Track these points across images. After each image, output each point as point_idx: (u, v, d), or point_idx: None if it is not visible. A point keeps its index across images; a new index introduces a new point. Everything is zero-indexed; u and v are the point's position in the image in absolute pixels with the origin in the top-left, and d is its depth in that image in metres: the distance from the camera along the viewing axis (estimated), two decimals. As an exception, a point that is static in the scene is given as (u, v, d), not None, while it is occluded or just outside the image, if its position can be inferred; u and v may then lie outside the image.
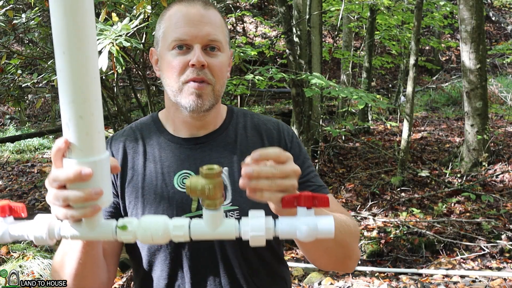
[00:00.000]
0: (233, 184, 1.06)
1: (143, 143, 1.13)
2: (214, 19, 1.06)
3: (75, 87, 0.68)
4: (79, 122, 0.69)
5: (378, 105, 4.74)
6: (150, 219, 0.77)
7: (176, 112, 1.10)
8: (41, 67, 4.32)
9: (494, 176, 5.48)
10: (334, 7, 7.02)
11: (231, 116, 1.16)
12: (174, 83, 1.04)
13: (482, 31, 5.64)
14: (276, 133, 1.14)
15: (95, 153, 0.72)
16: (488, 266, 3.66)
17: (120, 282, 3.13)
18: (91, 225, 0.76)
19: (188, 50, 1.03)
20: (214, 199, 0.75)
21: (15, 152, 8.78)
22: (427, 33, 13.35)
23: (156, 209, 1.05)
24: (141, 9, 2.78)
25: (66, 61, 0.67)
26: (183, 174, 1.07)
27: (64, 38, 0.66)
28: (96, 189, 0.71)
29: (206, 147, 1.10)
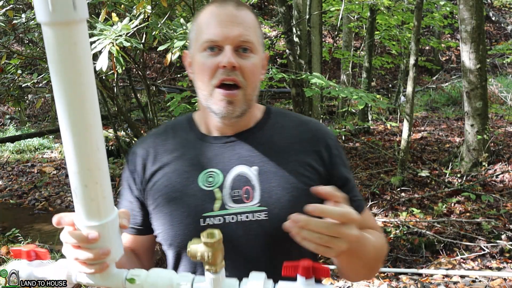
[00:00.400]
0: (262, 184, 1.02)
1: (173, 141, 1.12)
2: (247, 20, 1.03)
3: (78, 159, 0.72)
4: (85, 190, 0.74)
5: (378, 105, 4.74)
6: (157, 273, 0.81)
7: (207, 114, 1.08)
8: (41, 67, 4.32)
9: (494, 176, 5.48)
10: (334, 7, 7.02)
11: (268, 116, 1.13)
12: (205, 87, 1.03)
13: (482, 31, 5.64)
14: (316, 135, 1.10)
15: (102, 217, 0.77)
16: (488, 266, 3.66)
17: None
18: (104, 275, 0.83)
19: (220, 51, 1.01)
20: (214, 264, 0.76)
21: (15, 152, 8.78)
22: (427, 33, 13.35)
23: (178, 206, 1.04)
24: (141, 9, 2.78)
25: (69, 136, 0.70)
26: (208, 173, 1.05)
27: (67, 119, 0.69)
28: (103, 249, 0.78)
29: (237, 145, 1.07)
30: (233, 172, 1.04)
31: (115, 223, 0.81)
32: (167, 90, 7.85)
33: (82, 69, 0.67)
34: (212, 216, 1.01)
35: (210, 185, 1.03)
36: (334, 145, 1.10)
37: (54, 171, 7.64)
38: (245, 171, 1.04)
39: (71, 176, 0.74)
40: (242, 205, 1.01)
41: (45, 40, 0.65)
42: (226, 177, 1.04)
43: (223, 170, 1.04)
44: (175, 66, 10.11)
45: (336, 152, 1.10)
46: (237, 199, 1.02)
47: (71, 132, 0.70)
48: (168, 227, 1.05)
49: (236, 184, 1.03)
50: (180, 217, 1.03)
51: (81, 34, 0.65)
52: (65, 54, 0.65)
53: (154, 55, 12.20)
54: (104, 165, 0.75)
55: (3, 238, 4.26)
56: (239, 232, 1.01)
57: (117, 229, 0.81)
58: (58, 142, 9.21)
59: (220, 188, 1.03)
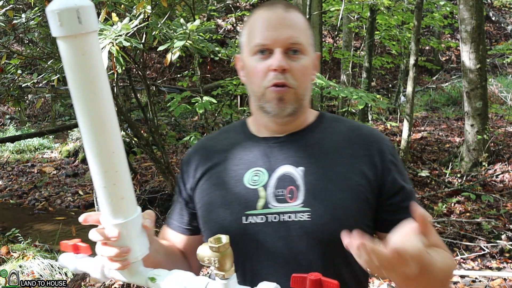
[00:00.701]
0: (307, 185, 1.01)
1: (224, 142, 1.15)
2: (296, 22, 1.04)
3: (96, 161, 0.78)
4: (103, 191, 0.80)
5: (378, 105, 4.74)
6: (177, 275, 0.84)
7: (259, 116, 1.10)
8: (41, 67, 4.32)
9: (494, 176, 5.48)
10: (334, 7, 7.01)
11: (321, 120, 1.13)
12: (258, 89, 1.04)
13: (482, 31, 5.64)
14: (369, 139, 1.08)
15: (121, 217, 0.83)
16: (488, 266, 3.66)
17: (120, 282, 3.13)
18: (130, 272, 0.88)
19: (270, 54, 1.02)
20: (222, 270, 0.76)
21: (15, 152, 8.78)
22: (427, 33, 13.35)
23: (222, 204, 1.05)
24: (141, 9, 2.79)
25: (87, 140, 0.76)
26: (254, 171, 1.06)
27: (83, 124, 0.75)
28: (124, 248, 0.84)
29: (285, 146, 1.08)
30: (279, 172, 1.04)
31: (136, 223, 0.85)
32: (167, 90, 7.85)
33: (94, 78, 0.72)
34: (255, 214, 1.02)
35: (255, 184, 1.04)
36: (388, 151, 1.07)
37: (54, 171, 7.64)
38: (291, 171, 1.04)
39: (92, 178, 0.80)
40: (285, 204, 1.01)
41: (60, 52, 0.71)
42: (271, 176, 1.04)
43: (268, 169, 1.05)
44: (175, 66, 10.12)
45: (389, 158, 1.06)
46: (280, 198, 1.02)
47: (87, 136, 0.76)
48: (212, 225, 1.06)
49: (281, 183, 1.03)
50: (223, 214, 1.05)
51: (90, 45, 0.71)
52: (76, 64, 0.71)
53: (154, 55, 12.20)
54: (121, 167, 0.80)
55: (3, 238, 4.26)
56: (281, 232, 1.00)
57: (139, 229, 0.86)
58: (58, 142, 9.21)
59: (264, 187, 1.03)
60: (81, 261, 0.94)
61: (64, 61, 0.72)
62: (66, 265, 0.96)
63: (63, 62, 0.72)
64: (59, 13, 0.67)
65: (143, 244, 0.88)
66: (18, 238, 4.08)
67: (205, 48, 2.97)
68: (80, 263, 0.94)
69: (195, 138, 3.70)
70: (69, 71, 0.72)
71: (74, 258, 0.95)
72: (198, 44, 2.78)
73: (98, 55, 0.73)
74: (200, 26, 2.75)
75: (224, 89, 4.88)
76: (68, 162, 8.03)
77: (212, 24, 5.92)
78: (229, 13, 10.58)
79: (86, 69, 0.71)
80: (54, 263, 3.41)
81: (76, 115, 0.75)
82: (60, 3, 0.68)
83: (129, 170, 0.86)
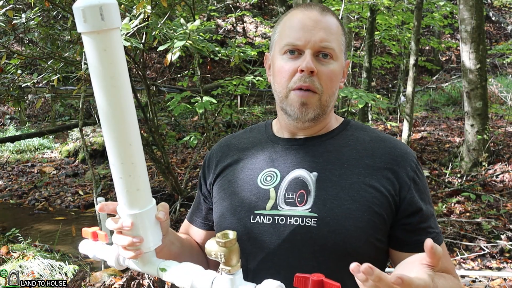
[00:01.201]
0: (318, 191, 1.00)
1: (246, 141, 1.17)
2: (330, 26, 1.02)
3: (113, 153, 0.81)
4: (120, 182, 0.83)
5: (378, 105, 4.74)
6: (186, 267, 0.86)
7: (281, 117, 1.10)
8: (41, 67, 4.32)
9: (494, 176, 5.48)
10: (334, 7, 7.01)
11: (344, 127, 1.11)
12: (282, 89, 1.03)
13: (482, 31, 5.64)
14: (392, 153, 1.03)
15: (136, 207, 0.86)
16: (488, 266, 3.66)
17: (120, 282, 3.12)
18: (143, 261, 0.92)
19: (300, 55, 1.01)
20: (228, 265, 0.77)
21: (15, 152, 8.78)
22: (427, 33, 13.35)
23: (234, 201, 1.07)
24: (141, 9, 2.78)
25: (106, 132, 0.80)
26: (268, 172, 1.06)
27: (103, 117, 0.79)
28: (136, 237, 0.87)
29: (302, 149, 1.07)
30: (292, 175, 1.04)
31: (150, 214, 0.88)
32: (167, 90, 7.85)
33: (114, 72, 0.75)
34: (263, 214, 1.02)
35: (267, 184, 1.05)
36: (410, 167, 1.02)
37: (54, 171, 7.64)
38: (304, 175, 1.03)
39: (111, 168, 0.84)
40: (294, 208, 1.00)
41: (84, 47, 0.75)
42: (283, 179, 1.04)
43: (282, 171, 1.05)
44: (175, 66, 10.12)
45: (411, 175, 1.01)
46: (290, 201, 1.01)
47: (107, 128, 0.79)
48: (222, 220, 1.08)
49: (292, 186, 1.02)
50: (233, 210, 1.06)
51: (111, 41, 0.74)
52: (98, 59, 0.74)
53: (154, 55, 12.20)
54: (138, 159, 0.83)
55: (3, 238, 4.26)
56: (286, 235, 0.99)
57: (152, 220, 0.89)
58: (58, 142, 9.21)
59: (275, 188, 1.03)
60: (99, 248, 0.97)
61: (87, 56, 0.75)
62: (86, 252, 0.99)
63: (87, 56, 0.75)
64: (83, 10, 0.71)
65: (156, 235, 0.91)
66: (18, 238, 4.08)
67: (205, 48, 2.97)
68: (99, 250, 0.97)
69: (195, 138, 3.71)
70: (92, 65, 0.75)
71: (93, 245, 0.98)
72: (198, 44, 2.78)
73: (119, 51, 0.76)
74: (200, 26, 2.75)
75: (224, 89, 4.88)
76: (68, 162, 8.03)
77: (212, 24, 5.92)
78: (229, 13, 10.57)
79: (107, 64, 0.74)
80: (54, 263, 3.41)
81: (97, 108, 0.78)
82: (85, 0, 0.71)
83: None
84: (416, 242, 0.98)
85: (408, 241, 0.99)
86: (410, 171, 1.02)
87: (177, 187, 4.85)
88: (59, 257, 3.69)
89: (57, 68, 3.71)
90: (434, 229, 1.01)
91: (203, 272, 0.84)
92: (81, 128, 4.60)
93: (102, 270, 3.44)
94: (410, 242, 0.99)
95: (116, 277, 3.25)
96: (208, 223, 1.18)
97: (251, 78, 4.30)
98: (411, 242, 0.99)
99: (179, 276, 0.85)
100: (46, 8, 3.85)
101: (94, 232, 0.99)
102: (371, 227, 0.97)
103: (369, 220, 0.97)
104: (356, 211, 0.97)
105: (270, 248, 1.00)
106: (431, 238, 0.94)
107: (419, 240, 0.96)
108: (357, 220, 0.97)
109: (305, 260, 0.98)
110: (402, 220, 1.00)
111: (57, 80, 3.75)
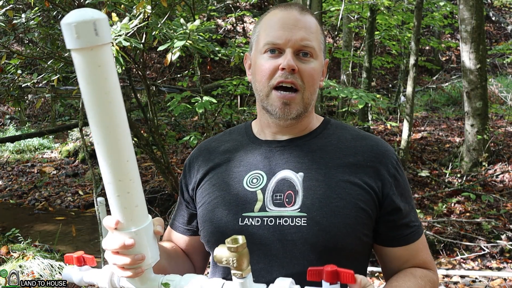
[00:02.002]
0: (306, 191, 1.01)
1: (227, 144, 1.16)
2: (309, 25, 1.05)
3: (109, 170, 0.78)
4: (117, 200, 0.81)
5: (378, 105, 4.74)
6: (190, 278, 0.86)
7: (263, 116, 1.11)
8: (41, 67, 4.32)
9: (494, 176, 5.48)
10: (334, 7, 7.01)
11: (325, 126, 1.13)
12: (263, 87, 1.05)
13: (482, 31, 5.64)
14: (373, 151, 1.06)
15: (135, 224, 0.84)
16: (488, 266, 3.66)
17: None
18: (142, 280, 0.89)
19: (280, 54, 1.03)
20: (239, 270, 0.77)
21: (15, 152, 8.78)
22: (427, 33, 13.35)
23: (220, 204, 1.06)
24: (141, 9, 2.78)
25: (100, 149, 0.77)
26: (254, 174, 1.07)
27: (97, 134, 0.76)
28: (139, 255, 0.84)
29: (286, 150, 1.08)
30: (278, 176, 1.05)
31: (149, 230, 0.86)
32: (167, 90, 7.85)
33: (109, 88, 0.73)
34: (251, 216, 1.03)
35: (253, 186, 1.05)
36: (391, 164, 1.06)
37: (54, 171, 7.64)
38: (290, 176, 1.04)
39: (105, 187, 0.81)
40: (282, 209, 1.01)
41: (74, 64, 0.72)
42: (270, 180, 1.05)
43: (268, 173, 1.06)
44: (175, 66, 10.11)
45: (392, 172, 1.05)
46: (278, 202, 1.02)
47: (102, 145, 0.76)
48: (208, 224, 1.07)
49: (279, 187, 1.03)
50: (220, 214, 1.05)
51: (105, 57, 0.72)
52: (91, 76, 0.72)
53: (154, 55, 12.20)
54: (135, 175, 0.81)
55: (3, 238, 4.26)
56: (277, 236, 0.99)
57: (151, 236, 0.87)
58: (58, 142, 9.21)
59: (262, 190, 1.04)
60: (86, 272, 0.95)
61: (79, 73, 0.72)
62: (70, 278, 0.96)
63: (77, 73, 0.73)
64: (76, 26, 0.68)
65: (155, 251, 0.89)
66: (18, 238, 4.08)
67: (205, 48, 2.97)
68: (86, 274, 0.95)
69: (195, 138, 3.70)
70: (85, 82, 0.72)
71: (79, 270, 0.96)
72: (198, 44, 2.78)
73: (112, 66, 0.74)
74: (200, 26, 2.75)
75: (224, 89, 4.88)
76: (68, 162, 8.03)
77: (212, 24, 5.92)
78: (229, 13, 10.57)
79: (101, 80, 0.72)
80: (54, 263, 3.41)
81: (90, 125, 0.76)
82: (77, 16, 0.69)
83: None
84: (398, 237, 1.05)
85: (390, 236, 1.05)
86: (391, 168, 1.05)
87: (177, 187, 4.84)
88: (59, 257, 3.69)
89: (57, 68, 3.71)
90: (414, 223, 1.06)
91: (209, 282, 0.84)
92: (81, 128, 4.60)
93: (102, 270, 3.44)
94: (393, 237, 1.05)
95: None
96: (192, 229, 1.18)
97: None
98: (394, 237, 1.05)
99: None
100: (46, 8, 3.85)
101: (80, 257, 0.96)
102: (359, 223, 1.00)
103: (356, 217, 1.00)
104: (343, 208, 1.00)
105: (262, 250, 1.00)
106: (412, 232, 1.04)
107: (401, 234, 1.04)
108: (345, 217, 0.99)
109: (296, 259, 0.99)
110: (385, 217, 1.04)
111: (57, 80, 3.75)
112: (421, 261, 1.07)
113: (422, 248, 1.07)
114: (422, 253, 1.07)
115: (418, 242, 1.06)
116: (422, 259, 1.07)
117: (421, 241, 1.07)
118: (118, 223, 0.83)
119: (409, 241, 1.05)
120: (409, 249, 1.05)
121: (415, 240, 1.06)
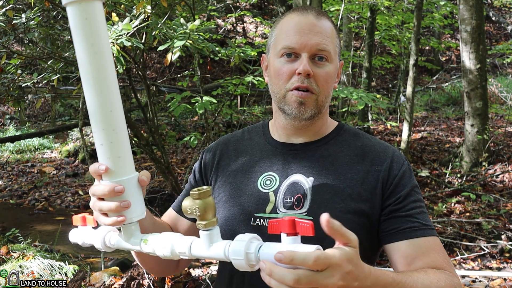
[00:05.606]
0: (314, 195, 1.04)
1: (246, 143, 1.20)
2: (325, 29, 1.07)
3: (94, 119, 0.82)
4: (101, 148, 0.84)
5: (378, 105, 4.74)
6: (166, 236, 0.86)
7: (278, 117, 1.14)
8: (41, 67, 4.32)
9: (494, 176, 5.48)
10: (334, 7, 7.02)
11: (338, 132, 1.16)
12: (279, 90, 1.07)
13: (482, 31, 5.64)
14: (383, 158, 1.08)
15: (120, 174, 0.85)
16: (488, 266, 3.66)
17: (120, 282, 3.12)
18: (127, 235, 0.91)
19: (296, 58, 1.05)
20: (203, 219, 0.78)
21: (15, 152, 8.79)
22: (427, 33, 13.35)
23: (235, 203, 1.09)
24: (141, 9, 2.78)
25: (87, 99, 0.81)
26: (268, 176, 1.10)
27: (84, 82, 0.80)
28: (124, 201, 0.85)
29: (299, 154, 1.11)
30: (290, 179, 1.08)
31: (133, 181, 0.87)
32: (167, 90, 7.85)
33: (95, 40, 0.77)
34: (263, 217, 1.05)
35: (266, 188, 1.09)
36: (398, 168, 1.07)
37: (54, 171, 7.64)
38: (301, 180, 1.07)
39: (93, 136, 0.84)
40: (291, 211, 1.04)
41: (69, 20, 0.78)
42: (282, 183, 1.08)
43: (281, 175, 1.09)
44: (175, 66, 10.11)
45: (397, 174, 1.06)
46: (288, 205, 1.05)
47: (88, 95, 0.80)
48: (223, 222, 1.09)
49: (290, 191, 1.06)
50: (234, 213, 1.09)
51: (92, 11, 0.77)
52: (79, 28, 0.77)
53: (154, 55, 12.20)
54: (119, 126, 0.83)
55: (3, 238, 4.26)
56: None
57: (136, 188, 0.88)
58: (58, 142, 9.21)
59: (274, 192, 1.07)
60: (87, 234, 0.98)
61: (71, 28, 0.78)
62: (75, 239, 1.00)
63: (70, 29, 0.78)
64: None
65: (139, 207, 0.89)
66: (18, 238, 4.08)
67: (205, 48, 2.97)
68: (87, 236, 0.98)
69: (195, 139, 3.70)
70: (74, 34, 0.78)
71: (82, 231, 0.99)
72: (198, 44, 2.78)
73: (100, 21, 0.78)
74: (200, 26, 2.75)
75: (224, 89, 4.88)
76: (68, 162, 8.04)
77: (212, 24, 5.92)
78: (229, 13, 10.57)
79: (88, 32, 0.77)
80: (54, 263, 3.41)
81: (81, 75, 0.80)
82: None
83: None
84: (401, 229, 1.02)
85: (394, 229, 1.02)
86: (404, 174, 1.07)
87: (177, 187, 4.84)
88: (59, 257, 3.69)
89: (57, 68, 3.71)
90: (421, 221, 1.04)
91: (182, 238, 0.85)
92: (81, 128, 4.60)
93: (102, 270, 3.44)
94: (396, 229, 1.02)
95: (116, 277, 3.25)
96: None
97: (251, 78, 4.30)
98: (397, 229, 1.02)
99: (159, 244, 0.86)
100: (46, 8, 3.85)
101: (83, 217, 0.99)
102: (361, 228, 1.02)
103: (359, 221, 1.02)
104: (347, 213, 1.02)
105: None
106: (416, 227, 1.01)
107: (404, 226, 1.02)
108: (349, 222, 0.98)
109: None
110: (388, 215, 1.03)
111: (57, 80, 3.75)
112: (433, 262, 0.99)
113: (435, 248, 1.01)
114: (435, 254, 1.00)
115: (428, 240, 1.01)
116: (434, 260, 1.00)
117: (433, 241, 1.02)
118: (107, 169, 0.84)
119: (413, 235, 1.01)
120: (415, 244, 1.00)
121: (422, 236, 1.01)
